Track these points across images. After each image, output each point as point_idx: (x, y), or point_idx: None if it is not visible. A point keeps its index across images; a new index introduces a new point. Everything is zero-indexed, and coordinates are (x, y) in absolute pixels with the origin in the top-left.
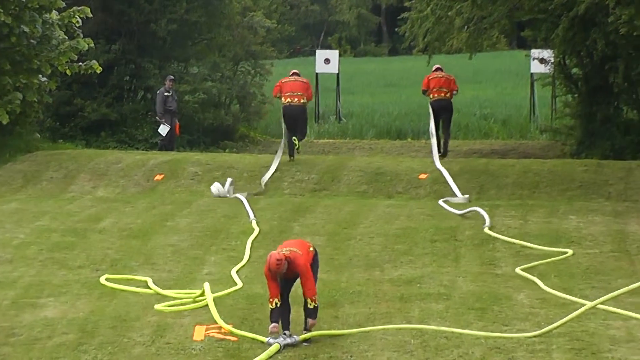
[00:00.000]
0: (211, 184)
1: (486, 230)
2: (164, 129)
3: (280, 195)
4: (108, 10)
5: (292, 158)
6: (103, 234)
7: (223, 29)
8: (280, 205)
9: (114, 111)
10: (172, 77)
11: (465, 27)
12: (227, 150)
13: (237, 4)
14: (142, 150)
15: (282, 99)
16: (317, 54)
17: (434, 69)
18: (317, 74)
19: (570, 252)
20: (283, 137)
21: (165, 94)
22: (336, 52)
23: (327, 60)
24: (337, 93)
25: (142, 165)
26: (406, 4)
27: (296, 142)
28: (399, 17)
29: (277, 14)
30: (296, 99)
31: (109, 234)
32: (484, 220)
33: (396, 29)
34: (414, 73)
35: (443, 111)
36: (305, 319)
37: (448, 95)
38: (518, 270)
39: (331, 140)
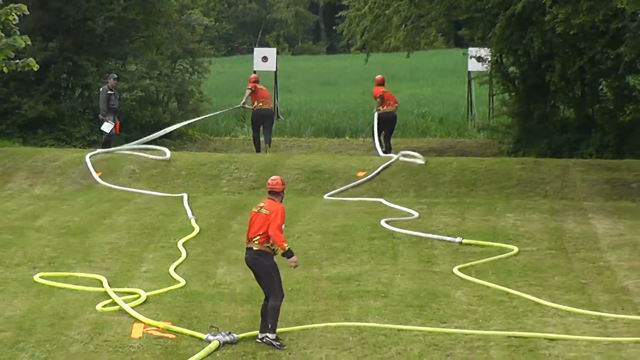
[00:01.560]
0: (149, 183)
1: (457, 240)
2: (107, 126)
3: (218, 193)
4: (45, 8)
5: (262, 152)
6: (40, 232)
7: (161, 26)
8: (218, 203)
9: (52, 109)
10: (115, 75)
11: (403, 25)
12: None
13: (175, 1)
14: (80, 148)
15: (256, 103)
16: (255, 51)
17: (380, 81)
18: (255, 71)
19: (516, 249)
20: (253, 132)
21: (109, 92)
22: (274, 50)
23: (265, 58)
24: (275, 91)
25: (79, 163)
26: (344, 2)
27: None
28: (336, 16)
29: (215, 11)
30: (267, 105)
31: (47, 231)
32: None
33: (334, 27)
34: (352, 71)
35: (391, 123)
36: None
37: (395, 107)
38: (456, 270)
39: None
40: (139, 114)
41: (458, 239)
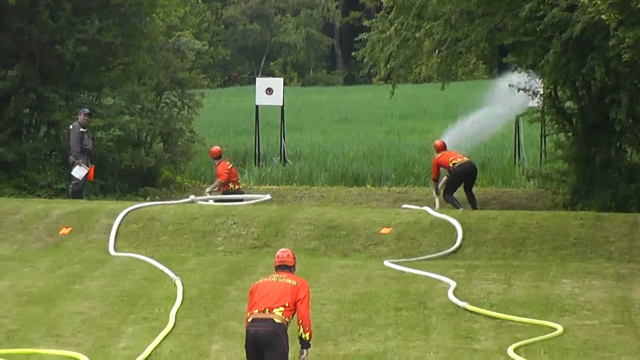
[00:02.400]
0: (128, 241)
1: (461, 304)
2: (79, 172)
3: (212, 253)
4: (4, 29)
5: None
6: None
7: (143, 51)
8: (213, 265)
9: (11, 151)
10: (87, 110)
11: (437, 51)
12: (147, 199)
13: (161, 21)
14: (45, 198)
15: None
16: (257, 82)
17: (440, 147)
18: (257, 106)
19: (560, 328)
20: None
21: (81, 130)
22: (280, 80)
23: (269, 90)
24: (281, 130)
25: (44, 217)
26: (365, 22)
27: None
28: (356, 39)
29: (209, 34)
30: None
31: (4, 299)
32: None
33: (353, 53)
34: (374, 106)
35: (469, 176)
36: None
37: (469, 158)
38: (510, 352)
39: (274, 187)
40: (117, 156)
41: (463, 304)
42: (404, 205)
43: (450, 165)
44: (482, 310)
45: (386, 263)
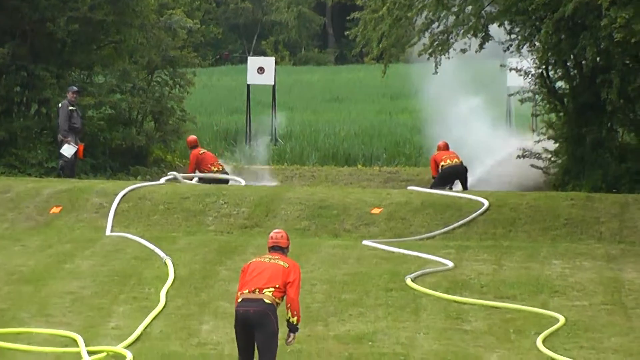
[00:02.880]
0: (118, 220)
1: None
2: (69, 150)
3: (203, 233)
4: None
5: None
6: None
7: (135, 30)
8: (203, 244)
9: (1, 129)
10: (75, 88)
11: (429, 30)
12: (139, 178)
13: (153, 0)
14: (36, 176)
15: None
16: (248, 61)
17: (443, 147)
18: (248, 85)
19: (562, 319)
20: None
21: (70, 108)
22: (272, 59)
23: (260, 69)
24: (272, 109)
25: (35, 195)
26: (357, 1)
27: None
28: (348, 18)
29: (201, 12)
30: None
31: None
32: (443, 265)
33: (345, 33)
34: (365, 85)
35: (456, 176)
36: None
37: (461, 161)
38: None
39: (265, 167)
40: (108, 135)
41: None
42: (410, 187)
43: (441, 165)
44: (483, 301)
45: (364, 242)
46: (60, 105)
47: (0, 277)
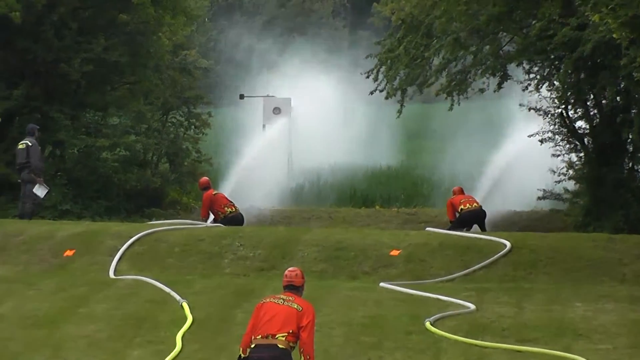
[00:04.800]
0: (133, 263)
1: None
2: (42, 190)
3: (220, 275)
4: (9, 48)
5: None
6: (1, 322)
7: (150, 70)
8: (220, 287)
9: (15, 171)
10: (37, 126)
11: (445, 69)
12: (153, 220)
13: (167, 40)
14: (50, 219)
15: (221, 212)
16: (263, 101)
17: (458, 191)
18: (264, 125)
19: None
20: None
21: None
22: (289, 98)
23: (277, 110)
24: (289, 141)
25: (49, 238)
26: (374, 43)
27: None
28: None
29: (216, 52)
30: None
31: (9, 321)
32: (463, 308)
33: (360, 73)
34: (383, 122)
35: (475, 220)
36: None
37: (479, 205)
38: None
39: (281, 208)
40: (122, 177)
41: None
42: (428, 228)
43: (459, 209)
44: (505, 345)
45: (381, 284)
46: (30, 143)
47: (14, 321)
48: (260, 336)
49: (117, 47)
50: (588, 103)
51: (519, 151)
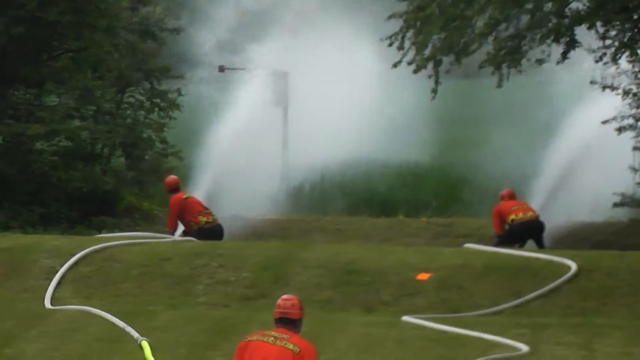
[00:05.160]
0: (77, 287)
1: None
2: None
3: (191, 306)
4: None
5: None
6: None
7: (100, 34)
8: (192, 321)
9: None
10: None
11: (493, 34)
12: (104, 232)
13: None
14: None
15: (193, 221)
16: (249, 77)
17: (509, 195)
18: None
19: None
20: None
21: None
22: (285, 73)
23: (269, 87)
24: (284, 127)
25: None
26: None
27: None
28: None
29: (189, 8)
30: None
31: None
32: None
33: (379, 38)
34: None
35: (530, 234)
36: None
37: (536, 214)
38: None
39: (274, 217)
40: (63, 175)
41: None
42: (466, 245)
43: (510, 220)
44: None
45: (405, 318)
46: None
47: None
48: None
49: (57, 2)
50: None
51: (589, 143)
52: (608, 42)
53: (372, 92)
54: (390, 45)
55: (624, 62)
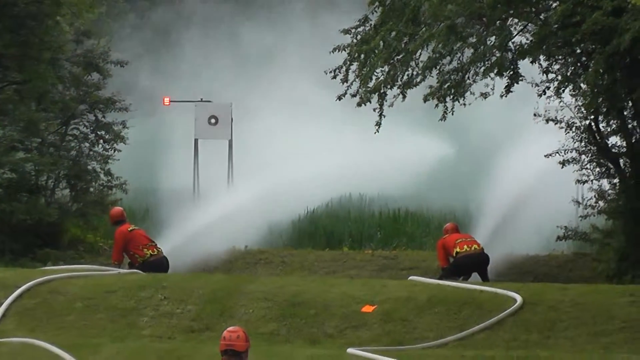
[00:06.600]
0: (20, 321)
1: None
2: None
3: (136, 338)
4: None
5: None
6: None
7: (44, 65)
8: (137, 354)
9: None
10: None
11: (436, 68)
12: (48, 264)
13: (68, 26)
14: None
15: (139, 254)
16: (195, 109)
17: (451, 229)
18: (196, 140)
19: None
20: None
21: None
22: (228, 105)
23: (213, 119)
24: (229, 160)
25: None
26: (341, 30)
27: None
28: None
29: (134, 41)
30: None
31: None
32: None
33: (324, 71)
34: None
35: (475, 268)
36: None
37: (481, 247)
38: None
39: (218, 250)
40: (6, 207)
41: None
42: (411, 277)
43: (454, 253)
44: None
45: (350, 350)
46: None
47: None
48: None
49: (1, 34)
50: (625, 113)
51: (534, 176)
52: (551, 76)
53: (317, 124)
54: (334, 77)
55: (567, 96)
